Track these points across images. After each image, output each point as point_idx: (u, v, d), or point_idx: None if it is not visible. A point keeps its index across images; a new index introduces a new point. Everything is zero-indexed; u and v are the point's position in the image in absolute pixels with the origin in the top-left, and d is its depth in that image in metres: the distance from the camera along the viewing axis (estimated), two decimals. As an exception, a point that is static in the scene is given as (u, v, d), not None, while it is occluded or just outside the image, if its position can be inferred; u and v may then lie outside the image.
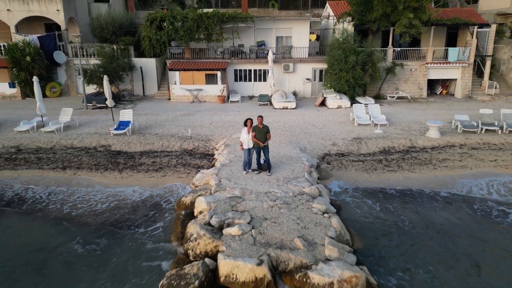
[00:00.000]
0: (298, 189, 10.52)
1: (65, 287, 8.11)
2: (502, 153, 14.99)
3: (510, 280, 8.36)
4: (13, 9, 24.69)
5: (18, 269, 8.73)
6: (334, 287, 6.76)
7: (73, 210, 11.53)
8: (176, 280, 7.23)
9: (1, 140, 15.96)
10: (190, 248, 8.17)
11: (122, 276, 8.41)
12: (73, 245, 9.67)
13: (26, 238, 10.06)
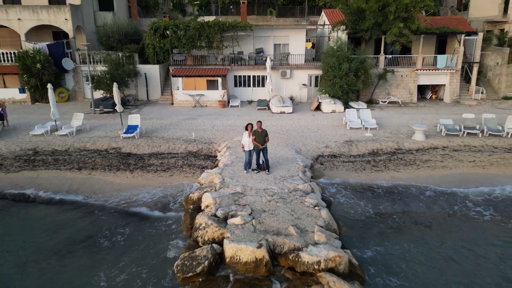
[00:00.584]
0: (293, 186, 11.97)
1: (92, 268, 9.50)
2: (481, 154, 16.49)
3: (469, 253, 9.80)
4: (24, 18, 26.11)
5: (49, 254, 10.13)
6: (321, 264, 8.20)
7: (98, 206, 12.95)
8: (189, 261, 8.66)
9: (19, 143, 17.36)
10: (200, 235, 9.60)
11: (140, 259, 9.81)
12: (100, 235, 11.08)
13: (60, 229, 11.46)
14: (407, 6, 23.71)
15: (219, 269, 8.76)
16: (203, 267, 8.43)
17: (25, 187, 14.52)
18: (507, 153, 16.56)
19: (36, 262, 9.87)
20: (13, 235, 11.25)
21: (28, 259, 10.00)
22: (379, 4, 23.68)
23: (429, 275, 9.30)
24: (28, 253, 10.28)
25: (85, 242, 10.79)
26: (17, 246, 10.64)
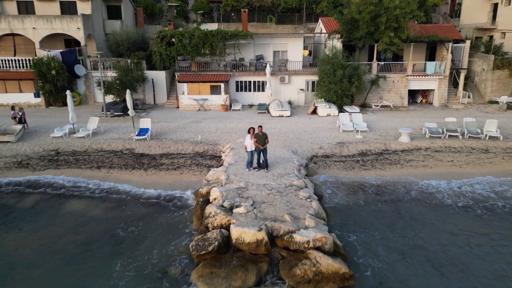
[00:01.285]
0: (288, 182, 13.92)
1: (116, 251, 11.43)
2: (459, 155, 18.45)
3: (438, 238, 11.75)
4: (38, 27, 28.09)
5: (75, 244, 12.09)
6: (310, 243, 10.15)
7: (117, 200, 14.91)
8: (202, 241, 10.60)
9: (41, 145, 19.32)
10: (210, 222, 11.54)
11: (158, 244, 11.75)
12: (121, 224, 13.03)
13: (86, 220, 13.42)
14: (397, 17, 25.65)
15: (226, 249, 10.71)
16: (214, 246, 10.37)
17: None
18: (483, 153, 18.52)
19: (67, 246, 11.83)
20: (53, 224, 13.19)
21: (60, 245, 11.94)
22: (371, 15, 25.64)
23: (402, 256, 11.23)
24: (62, 239, 12.22)
25: (109, 229, 12.73)
26: (58, 232, 12.58)
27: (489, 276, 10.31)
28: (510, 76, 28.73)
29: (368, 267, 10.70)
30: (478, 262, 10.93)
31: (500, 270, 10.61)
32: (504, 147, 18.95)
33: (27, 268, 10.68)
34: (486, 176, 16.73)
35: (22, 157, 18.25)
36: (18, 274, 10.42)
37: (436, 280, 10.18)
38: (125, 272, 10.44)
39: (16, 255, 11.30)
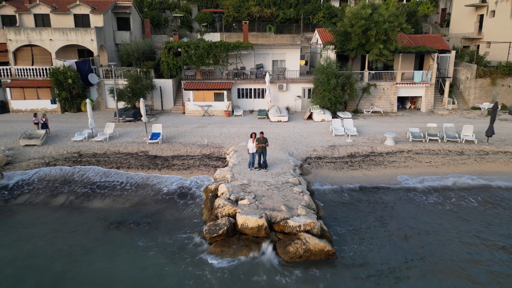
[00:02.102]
0: (285, 179, 16.48)
1: (138, 236, 13.95)
2: (436, 156, 21.04)
3: (414, 223, 14.30)
4: (55, 39, 30.71)
5: (99, 229, 14.63)
6: (301, 227, 12.70)
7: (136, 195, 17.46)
8: (213, 227, 13.15)
9: (65, 148, 21.87)
10: (219, 212, 14.08)
11: (173, 230, 14.28)
12: (142, 214, 15.58)
13: (112, 209, 15.97)
14: (386, 30, 28.29)
15: (233, 233, 13.25)
16: (223, 230, 12.92)
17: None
18: (458, 155, 21.11)
19: (99, 229, 14.38)
20: (90, 211, 15.73)
21: (92, 229, 14.49)
22: (362, 28, 28.27)
23: (380, 241, 13.77)
24: (97, 221, 14.77)
25: (132, 215, 15.27)
26: (90, 218, 15.13)
27: (454, 258, 12.84)
28: (491, 84, 31.39)
29: (351, 247, 13.22)
30: (445, 246, 13.47)
31: (463, 251, 13.14)
32: (477, 150, 21.55)
33: (77, 237, 13.22)
34: (455, 174, 19.32)
35: (49, 159, 20.80)
36: (74, 242, 12.96)
37: (406, 259, 12.70)
38: (149, 248, 12.98)
39: (65, 229, 13.85)
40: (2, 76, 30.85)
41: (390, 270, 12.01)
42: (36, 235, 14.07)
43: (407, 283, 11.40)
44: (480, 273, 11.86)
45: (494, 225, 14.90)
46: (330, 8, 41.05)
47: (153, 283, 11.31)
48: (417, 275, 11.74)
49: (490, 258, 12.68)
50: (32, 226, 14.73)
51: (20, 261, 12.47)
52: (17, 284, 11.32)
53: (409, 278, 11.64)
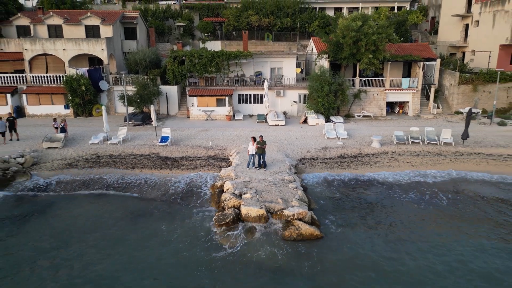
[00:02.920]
0: (281, 177, 19.24)
1: (156, 222, 16.66)
2: (417, 157, 23.87)
3: (394, 213, 17.07)
4: (68, 49, 33.39)
5: (115, 223, 17.34)
6: (295, 216, 15.46)
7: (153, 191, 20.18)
8: (221, 216, 15.89)
9: (83, 150, 24.56)
10: (225, 204, 16.81)
11: (186, 220, 17.00)
12: (158, 206, 18.31)
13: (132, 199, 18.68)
14: (375, 41, 31.13)
15: (238, 222, 15.98)
16: (230, 219, 15.67)
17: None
18: (436, 156, 23.95)
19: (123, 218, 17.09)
20: (110, 210, 18.42)
21: (118, 219, 17.19)
22: (353, 39, 31.11)
23: (363, 228, 16.52)
24: (124, 210, 17.48)
25: (153, 209, 18.00)
26: (120, 208, 17.82)
27: (423, 240, 15.63)
28: (473, 90, 34.31)
29: (337, 233, 15.97)
30: (416, 230, 16.26)
31: (432, 234, 15.92)
32: (454, 151, 24.39)
33: (110, 225, 15.92)
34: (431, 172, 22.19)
35: (71, 160, 23.48)
36: (105, 229, 15.66)
37: (383, 242, 15.46)
38: (169, 233, 15.71)
39: (98, 218, 16.55)
40: (18, 83, 33.50)
41: (367, 249, 14.76)
42: (72, 224, 16.78)
43: (380, 258, 14.15)
44: (444, 250, 14.61)
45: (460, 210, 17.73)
46: (324, 18, 43.94)
47: (173, 262, 14.00)
48: (390, 255, 14.48)
49: (453, 236, 15.46)
50: (67, 218, 17.43)
51: (68, 243, 15.18)
52: (78, 258, 14.02)
53: (382, 256, 14.39)
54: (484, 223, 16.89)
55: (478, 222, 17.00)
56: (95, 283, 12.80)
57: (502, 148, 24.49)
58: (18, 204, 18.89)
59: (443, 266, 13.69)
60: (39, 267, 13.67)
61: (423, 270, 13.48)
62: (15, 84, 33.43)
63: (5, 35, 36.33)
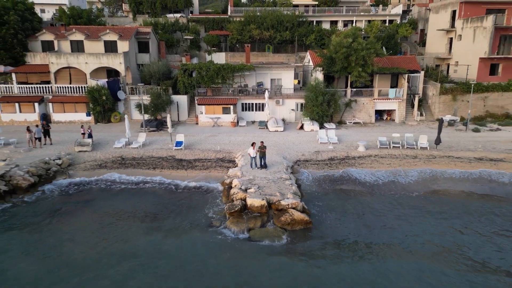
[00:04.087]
0: (280, 176, 23.71)
1: (174, 215, 21.12)
2: (395, 159, 28.35)
3: (375, 206, 21.51)
4: (89, 62, 37.98)
5: (135, 218, 21.83)
6: (289, 205, 19.95)
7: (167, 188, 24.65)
8: (231, 206, 20.39)
9: (109, 153, 29.03)
10: (234, 197, 21.28)
11: (203, 209, 21.47)
12: (175, 200, 22.79)
13: (154, 197, 23.15)
14: (364, 56, 35.67)
15: (244, 210, 20.46)
16: (238, 208, 20.13)
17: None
18: (412, 159, 28.42)
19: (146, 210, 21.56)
20: (135, 202, 22.88)
21: (141, 212, 21.66)
22: (344, 55, 35.66)
23: (349, 218, 20.95)
24: (146, 205, 21.94)
25: (170, 202, 22.46)
26: (137, 209, 22.28)
27: (402, 230, 20.08)
28: (452, 99, 38.82)
29: (324, 220, 20.41)
30: (394, 220, 20.71)
31: (407, 225, 20.36)
32: (428, 154, 28.85)
33: (143, 210, 20.39)
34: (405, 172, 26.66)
35: (100, 161, 27.99)
36: (127, 223, 20.12)
37: (359, 224, 19.90)
38: (191, 218, 20.18)
39: (123, 212, 21.02)
40: (44, 93, 38.07)
41: (345, 230, 19.20)
42: (114, 213, 21.28)
43: (361, 243, 18.57)
44: (408, 226, 19.06)
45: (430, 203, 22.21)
46: (321, 31, 48.56)
47: (195, 239, 18.44)
48: (370, 242, 18.90)
49: (417, 218, 19.90)
50: (108, 208, 21.94)
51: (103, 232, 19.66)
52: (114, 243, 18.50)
53: (357, 234, 18.81)
54: (440, 208, 21.38)
55: (435, 208, 21.49)
56: (144, 251, 17.30)
57: (470, 152, 28.96)
58: (62, 197, 23.44)
59: (402, 237, 18.17)
60: (92, 237, 18.20)
61: (386, 239, 17.97)
62: (42, 94, 38.00)
63: (31, 49, 40.94)
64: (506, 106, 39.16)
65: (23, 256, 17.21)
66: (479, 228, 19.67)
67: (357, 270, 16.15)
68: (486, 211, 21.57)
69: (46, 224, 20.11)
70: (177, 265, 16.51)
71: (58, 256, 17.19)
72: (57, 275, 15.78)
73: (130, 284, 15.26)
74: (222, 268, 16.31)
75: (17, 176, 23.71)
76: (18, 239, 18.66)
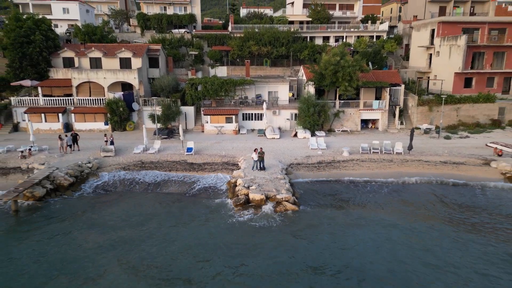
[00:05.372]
0: (276, 176, 29.48)
1: (187, 207, 26.81)
2: (374, 163, 34.19)
3: (356, 200, 27.29)
4: (107, 77, 43.75)
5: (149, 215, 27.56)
6: (283, 198, 25.72)
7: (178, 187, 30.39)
8: (237, 200, 26.14)
9: (130, 158, 34.70)
10: (238, 193, 27.03)
11: (214, 203, 27.19)
12: (189, 195, 28.52)
13: (167, 189, 28.86)
14: (350, 73, 41.62)
15: (247, 203, 26.18)
16: (242, 201, 25.89)
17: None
18: (388, 162, 34.27)
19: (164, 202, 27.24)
20: (160, 197, 28.55)
21: (159, 205, 27.35)
22: (333, 71, 41.60)
23: (333, 209, 26.71)
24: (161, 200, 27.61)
25: (184, 197, 28.16)
26: (165, 198, 27.95)
27: (366, 211, 25.85)
28: (429, 110, 44.80)
29: (311, 212, 26.14)
30: (370, 212, 26.48)
31: (380, 214, 26.13)
32: (401, 159, 34.70)
33: (165, 205, 26.06)
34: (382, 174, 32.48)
35: (123, 165, 33.66)
36: (150, 215, 25.76)
37: (340, 214, 25.65)
38: (205, 210, 25.87)
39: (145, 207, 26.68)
40: (67, 105, 43.76)
41: (327, 219, 24.93)
42: (138, 206, 26.96)
43: (335, 225, 24.29)
44: (382, 215, 24.80)
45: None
46: (313, 47, 54.62)
47: (210, 225, 24.11)
48: (344, 222, 24.61)
49: (391, 213, 25.64)
50: (133, 202, 27.61)
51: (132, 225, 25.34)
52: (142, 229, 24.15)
53: (338, 223, 24.52)
54: (410, 203, 27.23)
55: (407, 203, 27.33)
56: (170, 237, 22.96)
57: (437, 156, 34.86)
58: (97, 193, 29.10)
59: (368, 217, 24.00)
60: (126, 227, 23.88)
61: (356, 220, 23.78)
62: (65, 105, 43.68)
63: (54, 65, 46.66)
64: (477, 116, 45.20)
65: (91, 230, 23.13)
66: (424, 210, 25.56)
67: (332, 240, 21.87)
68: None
69: (92, 213, 25.73)
70: (198, 241, 22.14)
71: (115, 232, 22.94)
72: (117, 246, 21.37)
73: (173, 248, 21.00)
74: (234, 242, 21.96)
75: (59, 177, 29.36)
76: (80, 220, 24.31)
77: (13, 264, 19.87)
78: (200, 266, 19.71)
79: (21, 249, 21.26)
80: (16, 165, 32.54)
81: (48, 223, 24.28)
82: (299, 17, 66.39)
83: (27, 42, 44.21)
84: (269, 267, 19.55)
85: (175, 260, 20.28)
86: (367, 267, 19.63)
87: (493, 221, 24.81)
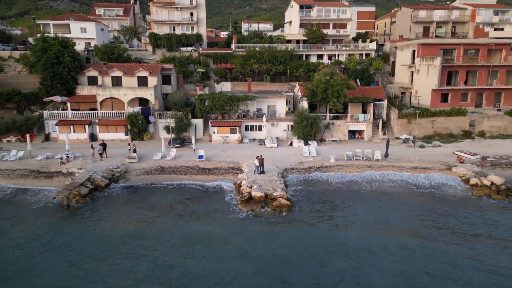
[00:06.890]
0: (273, 178, 37.06)
1: (198, 205, 34.37)
2: (355, 168, 41.78)
3: (343, 198, 34.85)
4: (127, 94, 51.55)
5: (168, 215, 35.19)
6: (279, 195, 33.30)
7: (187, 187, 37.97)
8: (242, 197, 33.75)
9: (150, 164, 42.30)
10: (243, 191, 34.60)
11: (222, 200, 34.76)
12: (198, 195, 36.14)
13: (179, 193, 36.46)
14: (338, 90, 49.36)
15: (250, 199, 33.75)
16: (246, 198, 33.46)
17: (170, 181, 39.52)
18: (367, 167, 41.85)
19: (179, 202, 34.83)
20: (178, 196, 36.11)
21: (173, 209, 34.94)
22: (323, 89, 49.36)
23: (323, 207, 34.28)
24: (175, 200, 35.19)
25: (196, 194, 35.73)
26: (179, 196, 35.51)
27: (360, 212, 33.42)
28: (407, 122, 52.50)
29: (301, 205, 33.65)
30: (357, 207, 34.03)
31: (369, 211, 33.67)
32: (379, 164, 42.30)
33: (163, 212, 33.61)
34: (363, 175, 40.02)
35: (146, 169, 41.28)
36: (164, 214, 33.30)
37: (331, 210, 33.18)
38: (215, 205, 33.44)
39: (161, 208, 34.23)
40: (92, 117, 51.49)
41: (315, 212, 32.45)
42: (160, 203, 34.54)
43: (320, 214, 31.79)
44: (361, 211, 32.30)
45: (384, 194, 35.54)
46: (308, 65, 62.53)
47: (219, 218, 31.61)
48: (331, 215, 32.13)
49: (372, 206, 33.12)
50: (157, 199, 35.21)
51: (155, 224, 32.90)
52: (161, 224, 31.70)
53: (323, 216, 32.03)
54: (386, 198, 34.80)
55: (386, 199, 34.90)
56: (188, 230, 30.48)
57: (409, 162, 42.46)
58: (126, 192, 36.71)
59: (352, 213, 31.52)
60: (157, 217, 31.45)
61: (343, 215, 31.30)
62: (90, 118, 51.41)
63: (80, 82, 54.48)
64: (450, 128, 52.88)
65: (129, 221, 30.51)
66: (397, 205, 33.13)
67: (321, 232, 29.37)
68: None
69: (125, 208, 33.29)
70: (208, 233, 29.62)
71: (147, 223, 30.44)
72: (148, 235, 28.89)
73: (190, 237, 28.51)
74: (238, 233, 29.46)
75: (97, 179, 37.01)
76: (118, 213, 31.86)
77: (82, 241, 27.44)
78: (215, 243, 27.40)
79: (83, 232, 28.89)
80: (57, 169, 40.21)
81: (98, 214, 31.93)
82: (296, 36, 74.44)
83: (57, 63, 52.08)
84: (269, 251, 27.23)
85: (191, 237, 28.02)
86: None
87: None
